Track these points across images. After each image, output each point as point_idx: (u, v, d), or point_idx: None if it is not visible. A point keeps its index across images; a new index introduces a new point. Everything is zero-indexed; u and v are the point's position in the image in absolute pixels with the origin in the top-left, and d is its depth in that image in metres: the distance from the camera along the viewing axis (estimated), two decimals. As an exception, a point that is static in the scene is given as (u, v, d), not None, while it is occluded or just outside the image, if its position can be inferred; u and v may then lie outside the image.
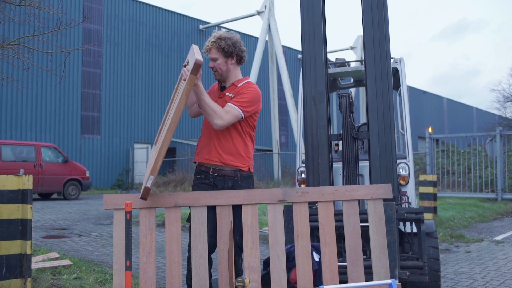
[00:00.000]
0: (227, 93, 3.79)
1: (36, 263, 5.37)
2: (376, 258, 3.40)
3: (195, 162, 3.91)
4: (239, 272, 3.71)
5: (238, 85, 3.79)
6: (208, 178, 3.78)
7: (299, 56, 32.75)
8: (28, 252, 3.92)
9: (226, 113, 3.64)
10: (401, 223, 4.47)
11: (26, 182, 3.93)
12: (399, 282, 3.54)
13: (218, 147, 3.75)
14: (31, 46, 7.16)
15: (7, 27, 20.93)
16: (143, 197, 3.25)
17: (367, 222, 3.50)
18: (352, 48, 32.25)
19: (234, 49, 3.76)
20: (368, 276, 3.45)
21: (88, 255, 6.58)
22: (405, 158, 5.40)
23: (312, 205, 3.98)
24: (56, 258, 5.78)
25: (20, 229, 3.90)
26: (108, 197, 3.41)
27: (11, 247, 3.85)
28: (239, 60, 3.84)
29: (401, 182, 5.32)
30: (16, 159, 16.15)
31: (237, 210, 3.54)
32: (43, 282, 4.16)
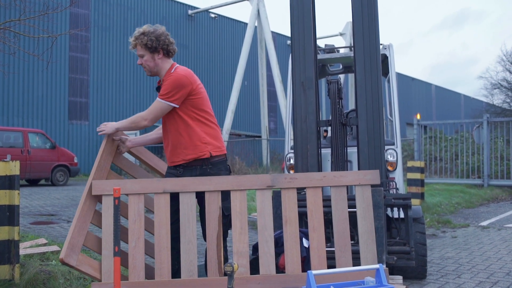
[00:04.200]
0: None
1: (24, 249, 5.35)
2: (364, 243, 3.43)
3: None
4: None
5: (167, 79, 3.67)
6: (177, 169, 3.68)
7: (289, 42, 32.67)
8: (16, 238, 3.91)
9: (147, 110, 3.60)
10: (389, 209, 4.51)
11: (13, 168, 3.90)
12: (386, 266, 3.58)
13: (173, 146, 3.67)
14: (17, 31, 7.06)
15: (-8, 11, 20.63)
16: None
17: (355, 208, 3.53)
18: (341, 34, 32.16)
19: (159, 43, 3.62)
20: (356, 261, 3.49)
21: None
22: (393, 144, 5.43)
23: (300, 191, 4.00)
24: (44, 244, 5.76)
25: (7, 215, 3.88)
26: (97, 182, 3.39)
27: (-2, 233, 3.84)
28: (167, 53, 3.68)
29: (389, 168, 5.36)
30: (3, 145, 15.99)
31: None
32: (31, 268, 4.14)
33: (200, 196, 3.55)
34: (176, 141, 3.64)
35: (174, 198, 3.50)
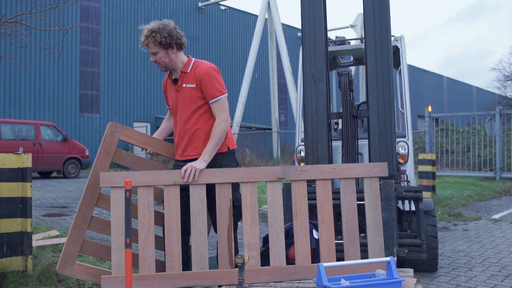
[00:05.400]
0: (184, 85, 3.63)
1: (37, 241, 5.41)
2: (372, 235, 3.43)
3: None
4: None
5: (188, 71, 3.63)
6: (187, 162, 3.61)
7: (299, 34, 32.52)
8: (29, 230, 3.95)
9: (219, 114, 3.55)
10: (400, 201, 4.49)
11: (25, 160, 3.94)
12: (397, 259, 3.57)
13: (189, 139, 3.65)
14: (28, 24, 7.09)
15: (3, 5, 20.74)
16: None
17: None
18: (352, 26, 32.00)
19: (172, 39, 3.59)
20: (365, 253, 3.48)
21: (88, 233, 6.61)
22: (404, 136, 5.40)
23: (311, 183, 3.99)
24: (57, 236, 5.82)
25: (20, 207, 3.91)
26: (105, 174, 3.35)
27: (11, 225, 3.87)
28: (180, 47, 3.66)
29: (400, 160, 5.33)
30: (16, 137, 16.13)
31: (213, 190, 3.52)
32: (44, 260, 4.18)
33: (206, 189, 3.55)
34: (194, 134, 3.63)
35: (181, 190, 3.51)
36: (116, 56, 25.91)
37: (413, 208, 4.50)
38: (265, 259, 3.53)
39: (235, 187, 3.58)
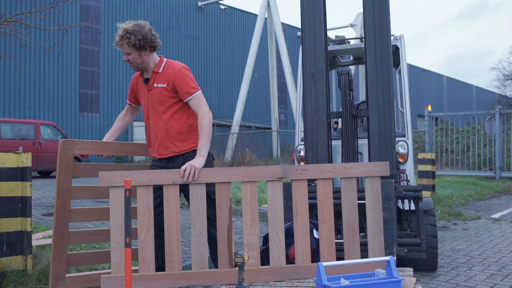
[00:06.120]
0: (155, 85, 3.67)
1: (37, 240, 5.41)
2: (372, 234, 3.43)
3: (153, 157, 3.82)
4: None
5: (160, 71, 3.67)
6: (161, 161, 3.74)
7: (299, 33, 32.51)
8: (28, 229, 3.95)
9: (200, 109, 3.59)
10: (400, 201, 4.49)
11: (25, 159, 3.94)
12: (397, 259, 3.57)
13: (163, 138, 3.69)
14: (28, 23, 7.09)
15: (3, 4, 20.73)
16: None
17: (365, 200, 3.52)
18: (352, 25, 32.00)
19: (146, 41, 3.61)
20: (365, 253, 3.48)
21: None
22: (404, 136, 5.40)
23: (310, 182, 3.99)
24: (56, 235, 5.81)
25: (20, 206, 3.91)
26: (104, 174, 3.32)
27: (11, 224, 3.87)
28: (153, 49, 3.69)
29: (400, 160, 5.33)
30: (15, 137, 16.12)
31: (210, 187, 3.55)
32: (43, 259, 4.18)
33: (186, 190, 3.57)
34: (166, 133, 3.67)
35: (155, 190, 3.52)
36: (116, 56, 25.90)
37: (412, 207, 4.49)
38: (265, 258, 3.53)
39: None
